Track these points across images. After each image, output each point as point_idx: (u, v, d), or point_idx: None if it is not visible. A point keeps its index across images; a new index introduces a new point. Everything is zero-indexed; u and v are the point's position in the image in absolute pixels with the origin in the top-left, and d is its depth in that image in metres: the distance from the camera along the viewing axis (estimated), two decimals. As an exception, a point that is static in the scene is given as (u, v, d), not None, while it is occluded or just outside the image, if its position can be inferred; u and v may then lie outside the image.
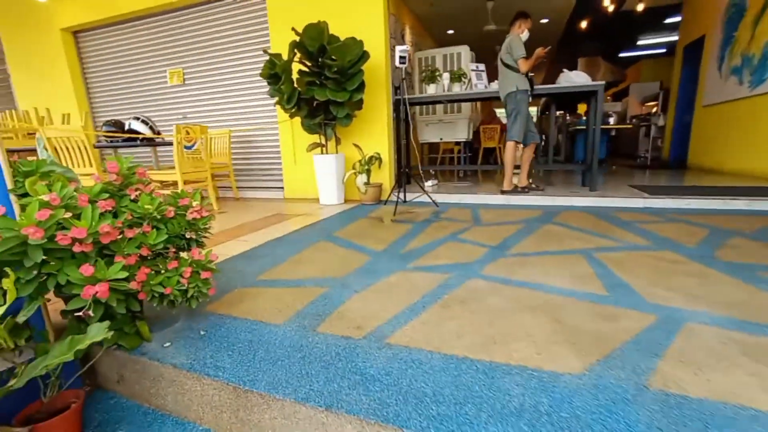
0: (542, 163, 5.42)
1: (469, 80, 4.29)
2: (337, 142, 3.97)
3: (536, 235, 2.41)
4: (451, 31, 7.51)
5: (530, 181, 3.88)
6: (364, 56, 3.43)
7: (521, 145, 3.69)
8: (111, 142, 3.49)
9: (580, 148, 6.27)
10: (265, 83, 3.70)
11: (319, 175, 3.96)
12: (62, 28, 5.48)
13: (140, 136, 3.45)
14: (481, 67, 4.31)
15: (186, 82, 5.12)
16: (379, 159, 3.92)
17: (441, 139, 5.38)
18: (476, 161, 6.49)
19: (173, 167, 3.48)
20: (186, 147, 3.52)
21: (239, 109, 4.90)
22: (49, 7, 5.45)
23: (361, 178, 3.76)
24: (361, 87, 3.48)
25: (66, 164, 3.24)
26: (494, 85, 3.97)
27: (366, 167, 3.81)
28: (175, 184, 3.58)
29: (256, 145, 4.91)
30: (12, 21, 5.81)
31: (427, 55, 5.28)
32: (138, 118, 3.47)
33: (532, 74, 3.57)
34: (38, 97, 5.94)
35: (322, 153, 3.95)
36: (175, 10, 4.95)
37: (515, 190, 3.73)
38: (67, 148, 3.17)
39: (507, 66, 3.52)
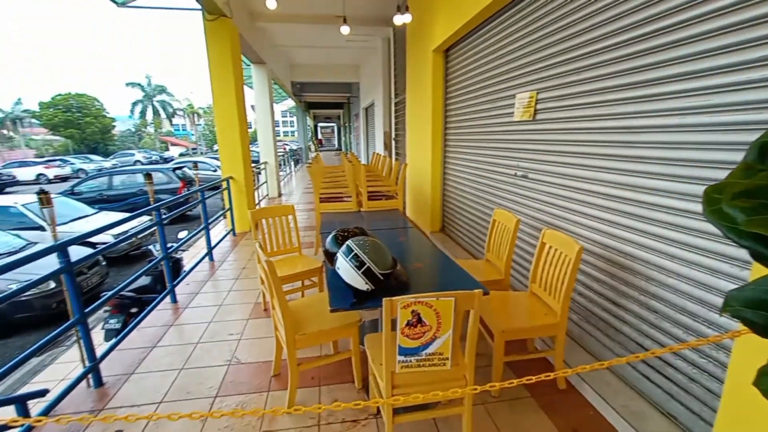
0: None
1: None
2: None
3: None
4: None
5: None
6: None
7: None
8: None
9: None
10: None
11: None
12: (433, 48, 4.57)
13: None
14: None
15: (536, 118, 2.76)
16: None
17: None
18: None
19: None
20: (414, 350, 1.36)
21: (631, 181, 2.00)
22: (428, 29, 4.66)
23: None
24: None
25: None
26: None
27: None
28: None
29: (648, 265, 1.88)
30: (412, 45, 5.63)
31: None
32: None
33: None
34: (414, 117, 5.61)
35: None
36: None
37: None
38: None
39: None
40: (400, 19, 3.92)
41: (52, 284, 4.54)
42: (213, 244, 4.56)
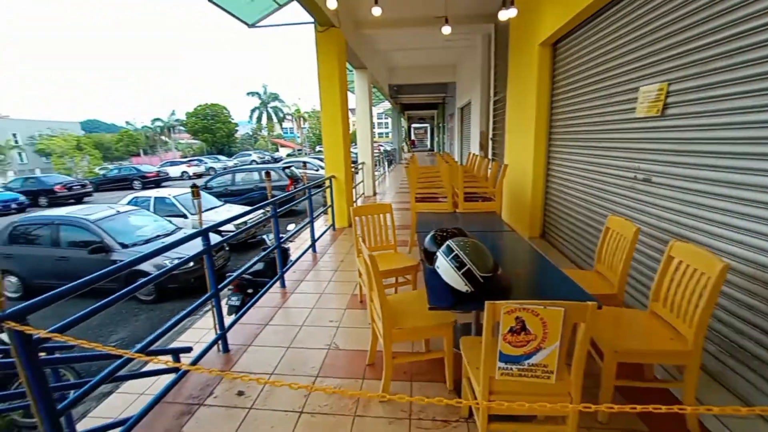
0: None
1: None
2: None
3: None
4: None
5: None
6: None
7: None
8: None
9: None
10: None
11: None
12: (540, 42, 4.30)
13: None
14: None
15: (665, 113, 2.40)
16: None
17: None
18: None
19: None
20: (516, 359, 1.33)
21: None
22: (534, 22, 4.40)
23: None
24: None
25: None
26: None
27: None
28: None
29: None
30: (516, 41, 5.38)
31: None
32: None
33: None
34: (515, 115, 5.32)
35: None
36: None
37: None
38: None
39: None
40: (505, 14, 3.77)
41: (191, 263, 5.49)
42: (316, 237, 4.98)
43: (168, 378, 2.44)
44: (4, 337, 3.26)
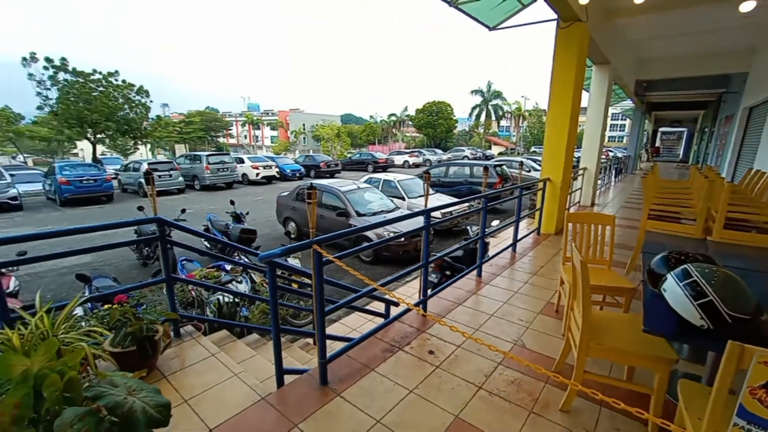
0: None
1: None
2: None
3: None
4: None
5: None
6: None
7: None
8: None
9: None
10: None
11: None
12: None
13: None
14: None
15: None
16: None
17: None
18: None
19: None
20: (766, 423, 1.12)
21: None
22: None
23: None
24: None
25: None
26: None
27: None
28: None
29: None
30: None
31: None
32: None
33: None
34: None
35: None
36: None
37: None
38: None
39: None
40: None
41: (402, 238, 6.45)
42: (519, 237, 4.95)
43: (378, 321, 3.10)
44: (290, 260, 4.80)
